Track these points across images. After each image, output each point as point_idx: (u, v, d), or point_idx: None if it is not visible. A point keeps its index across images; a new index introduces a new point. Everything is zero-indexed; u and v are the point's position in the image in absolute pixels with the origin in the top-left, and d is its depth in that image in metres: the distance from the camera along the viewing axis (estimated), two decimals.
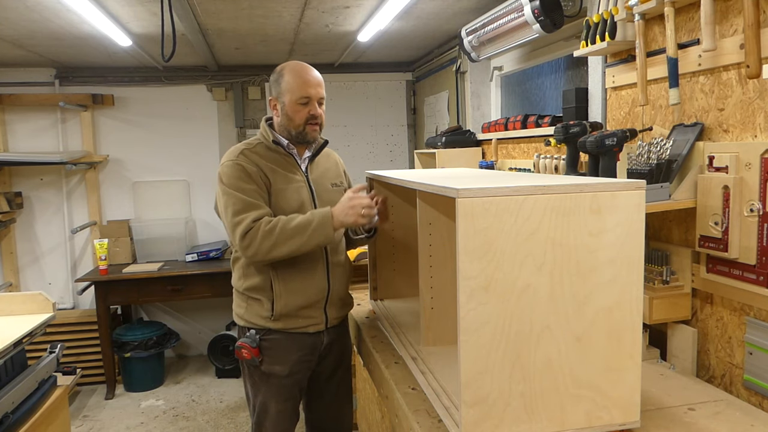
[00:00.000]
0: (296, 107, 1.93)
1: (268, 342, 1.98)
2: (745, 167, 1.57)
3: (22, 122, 4.49)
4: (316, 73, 1.97)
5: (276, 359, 1.98)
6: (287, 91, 1.93)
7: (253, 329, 1.98)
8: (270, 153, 1.98)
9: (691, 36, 1.76)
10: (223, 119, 4.85)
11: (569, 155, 2.14)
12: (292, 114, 1.94)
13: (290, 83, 1.93)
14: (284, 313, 1.95)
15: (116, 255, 4.41)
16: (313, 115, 1.94)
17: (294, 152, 2.01)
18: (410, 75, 5.11)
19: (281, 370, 1.99)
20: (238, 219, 1.83)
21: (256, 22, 3.25)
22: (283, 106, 1.96)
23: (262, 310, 1.96)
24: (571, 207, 1.23)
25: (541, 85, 3.19)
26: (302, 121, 1.94)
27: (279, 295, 1.94)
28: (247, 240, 1.81)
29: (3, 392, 2.09)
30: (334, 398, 2.20)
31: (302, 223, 1.81)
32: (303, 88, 1.92)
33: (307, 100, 1.93)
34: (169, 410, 3.93)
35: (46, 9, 2.79)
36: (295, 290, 1.95)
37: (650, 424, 1.39)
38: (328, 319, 2.03)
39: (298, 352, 2.00)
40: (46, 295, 2.48)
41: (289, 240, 1.80)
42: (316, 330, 2.01)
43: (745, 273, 1.59)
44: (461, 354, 1.21)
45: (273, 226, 1.81)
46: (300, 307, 1.96)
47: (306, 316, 1.98)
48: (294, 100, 1.92)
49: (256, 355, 1.95)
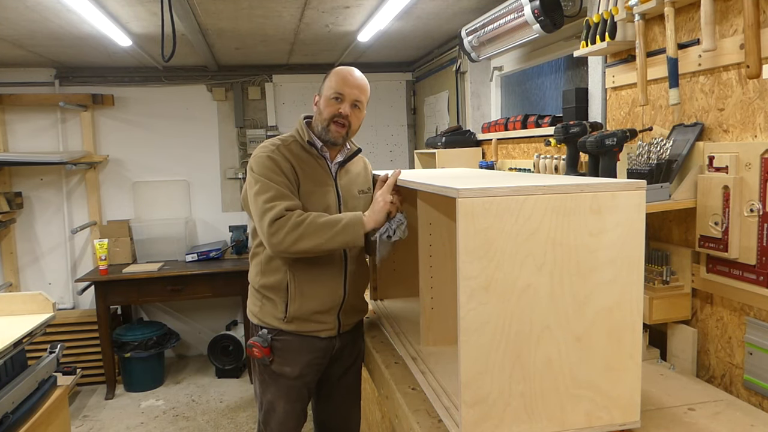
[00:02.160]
0: (328, 101, 1.91)
1: (280, 343, 1.96)
2: (745, 167, 1.57)
3: (22, 122, 4.49)
4: (360, 76, 1.94)
5: (287, 360, 1.97)
6: (326, 87, 1.93)
7: (266, 329, 1.97)
8: (303, 152, 1.95)
9: (691, 36, 1.76)
10: (223, 119, 4.85)
11: (569, 155, 2.14)
12: (323, 107, 1.93)
13: (331, 80, 1.93)
14: (297, 316, 1.93)
15: (116, 255, 4.41)
16: (341, 113, 1.90)
17: (326, 155, 1.98)
18: (410, 75, 5.11)
19: (291, 372, 1.97)
20: (269, 205, 1.79)
21: (256, 22, 3.25)
22: (319, 101, 1.96)
23: (275, 311, 1.94)
24: (572, 207, 1.23)
25: (541, 85, 3.19)
26: (329, 115, 1.90)
27: (293, 297, 1.92)
28: (275, 227, 1.77)
29: (3, 392, 2.09)
30: (342, 400, 2.18)
31: (333, 219, 1.79)
32: (339, 85, 1.90)
33: (340, 96, 1.90)
34: (169, 410, 3.93)
35: (46, 9, 2.79)
36: (310, 294, 1.92)
37: (650, 424, 1.39)
38: (341, 325, 2.00)
39: (309, 354, 1.98)
40: (46, 295, 2.48)
41: (316, 234, 1.76)
42: (328, 335, 1.99)
43: (745, 273, 1.59)
44: (461, 354, 1.21)
45: (304, 218, 1.77)
46: (313, 312, 1.94)
47: (319, 321, 1.96)
48: (328, 95, 1.91)
49: (267, 354, 1.94)
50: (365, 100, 1.96)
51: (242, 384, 4.31)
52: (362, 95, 1.93)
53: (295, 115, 4.88)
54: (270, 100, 4.85)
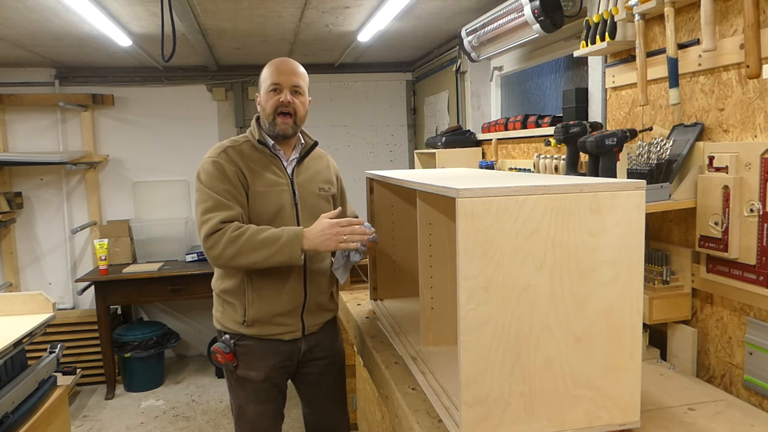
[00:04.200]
0: (267, 94, 1.88)
1: (243, 348, 1.93)
2: (745, 167, 1.57)
3: (22, 122, 4.49)
4: (293, 63, 1.91)
5: (250, 365, 1.93)
6: (263, 81, 1.90)
7: (228, 334, 1.94)
8: (255, 152, 1.92)
9: (691, 36, 1.76)
10: (223, 119, 4.85)
11: (569, 155, 2.14)
12: (264, 102, 1.90)
13: (265, 74, 1.90)
14: (257, 319, 1.90)
15: (116, 255, 4.41)
16: (282, 102, 1.85)
17: (280, 153, 1.95)
18: (410, 75, 5.11)
19: (257, 376, 1.94)
20: (205, 217, 1.78)
21: (256, 22, 3.25)
22: (260, 98, 1.93)
23: (235, 315, 1.91)
24: (571, 207, 1.23)
25: (541, 85, 3.19)
26: (272, 109, 1.87)
27: (251, 301, 1.89)
28: (211, 241, 1.76)
29: (3, 392, 2.09)
30: (326, 402, 2.15)
31: (270, 237, 1.75)
32: (274, 75, 1.87)
33: (277, 86, 1.86)
34: (169, 410, 3.93)
35: (46, 9, 2.79)
36: (267, 297, 1.89)
37: (650, 424, 1.39)
38: (305, 327, 1.97)
39: (273, 358, 1.95)
40: (46, 295, 2.48)
41: (254, 252, 1.74)
42: (291, 337, 1.95)
43: (745, 273, 1.59)
44: (461, 354, 1.21)
45: (240, 233, 1.74)
46: (274, 314, 1.90)
47: (280, 324, 1.92)
48: (266, 88, 1.88)
49: (230, 360, 1.91)
50: (305, 85, 1.92)
51: None
52: (299, 80, 1.90)
53: None
54: None
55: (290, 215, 1.91)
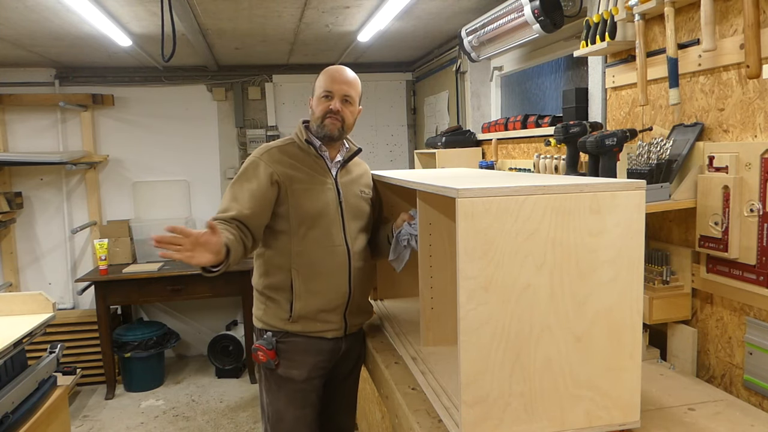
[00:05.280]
0: (319, 100, 1.95)
1: (286, 345, 1.92)
2: (745, 167, 1.57)
3: (22, 122, 4.49)
4: (346, 73, 1.97)
5: (293, 363, 1.93)
6: (317, 87, 1.97)
7: (270, 331, 1.93)
8: (300, 153, 1.97)
9: (691, 36, 1.76)
10: (223, 119, 4.85)
11: (569, 155, 2.14)
12: (315, 107, 1.97)
13: (320, 80, 1.97)
14: (303, 314, 1.90)
15: (116, 255, 4.41)
16: (332, 109, 1.93)
17: (325, 155, 1.99)
18: (410, 75, 5.11)
19: (299, 375, 1.93)
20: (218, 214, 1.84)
21: (256, 22, 3.25)
22: (312, 103, 1.99)
23: (280, 311, 1.92)
24: (571, 207, 1.23)
25: (541, 85, 3.19)
26: (321, 113, 1.94)
27: (299, 295, 1.90)
28: None
29: (3, 392, 2.09)
30: (338, 407, 2.15)
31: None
32: (328, 83, 1.94)
33: (329, 94, 1.94)
34: (169, 410, 3.93)
35: (46, 9, 2.79)
36: (316, 292, 1.90)
37: (650, 424, 1.39)
38: (347, 326, 1.98)
39: (316, 356, 1.95)
40: (46, 295, 2.48)
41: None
42: (334, 336, 1.96)
43: (745, 273, 1.59)
44: (461, 354, 1.21)
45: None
46: (319, 311, 1.91)
47: (325, 321, 1.93)
48: (319, 95, 1.95)
49: (272, 357, 1.90)
50: (356, 95, 1.98)
51: (242, 384, 4.31)
52: (351, 90, 1.96)
53: (295, 115, 4.88)
54: (270, 100, 4.86)
55: (335, 214, 1.94)
